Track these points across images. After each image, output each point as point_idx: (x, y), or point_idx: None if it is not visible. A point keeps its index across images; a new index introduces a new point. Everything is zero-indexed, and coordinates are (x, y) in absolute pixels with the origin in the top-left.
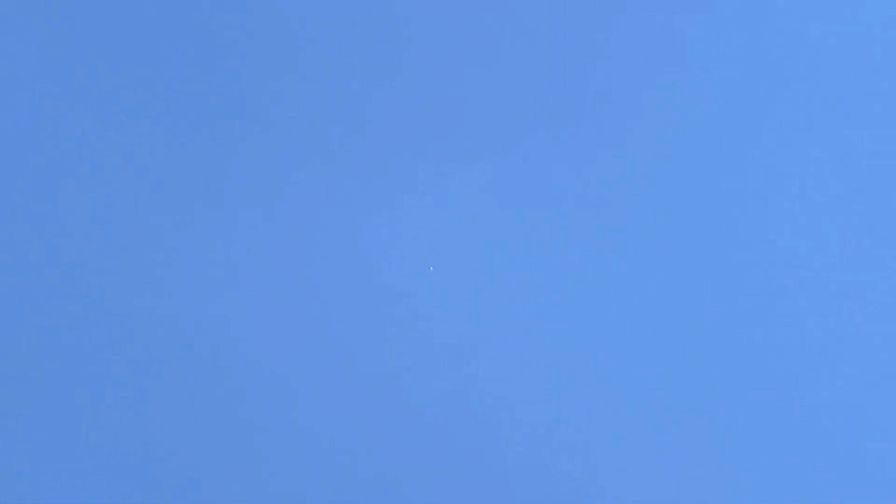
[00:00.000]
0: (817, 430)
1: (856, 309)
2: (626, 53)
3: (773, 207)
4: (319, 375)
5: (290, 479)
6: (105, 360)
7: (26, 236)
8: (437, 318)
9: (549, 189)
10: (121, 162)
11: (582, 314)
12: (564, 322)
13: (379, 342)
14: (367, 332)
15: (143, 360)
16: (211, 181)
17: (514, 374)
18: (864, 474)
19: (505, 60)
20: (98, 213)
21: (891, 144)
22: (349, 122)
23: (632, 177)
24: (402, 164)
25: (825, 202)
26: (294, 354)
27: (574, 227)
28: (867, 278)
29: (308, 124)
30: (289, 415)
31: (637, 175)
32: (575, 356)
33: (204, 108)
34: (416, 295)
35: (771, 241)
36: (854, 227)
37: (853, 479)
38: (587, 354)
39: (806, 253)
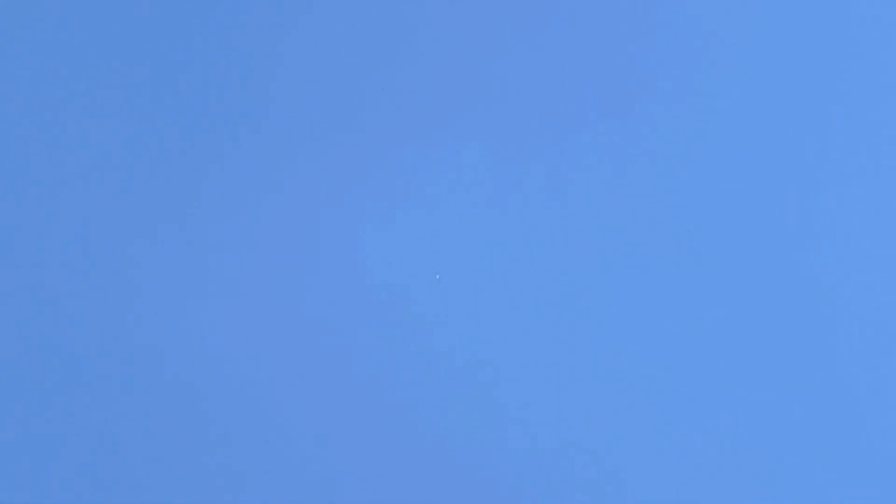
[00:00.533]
0: (824, 432)
1: (856, 309)
2: (627, 51)
3: (776, 208)
4: (318, 381)
5: (292, 495)
6: (104, 364)
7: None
8: (437, 323)
9: (554, 190)
10: (106, 158)
11: (589, 318)
12: (571, 326)
13: (378, 348)
14: (365, 335)
15: (140, 366)
16: (200, 180)
17: (518, 380)
18: (868, 477)
19: (508, 58)
20: (90, 217)
21: None
22: (347, 122)
23: (638, 177)
24: (402, 164)
25: (825, 203)
26: (290, 363)
27: (578, 229)
28: (869, 280)
29: (302, 123)
30: (284, 429)
31: (644, 175)
32: (583, 361)
33: (192, 104)
34: (418, 301)
35: (775, 243)
36: (856, 232)
37: (858, 481)
38: (595, 358)
39: (809, 255)
